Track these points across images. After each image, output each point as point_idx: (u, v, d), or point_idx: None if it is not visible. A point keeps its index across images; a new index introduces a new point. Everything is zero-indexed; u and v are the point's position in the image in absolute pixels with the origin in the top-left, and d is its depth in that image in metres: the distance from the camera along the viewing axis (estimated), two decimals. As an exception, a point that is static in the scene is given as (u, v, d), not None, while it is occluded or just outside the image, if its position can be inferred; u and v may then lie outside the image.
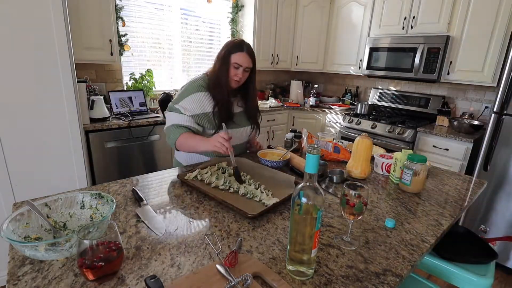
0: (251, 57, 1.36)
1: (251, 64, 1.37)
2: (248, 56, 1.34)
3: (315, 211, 0.65)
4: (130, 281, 0.66)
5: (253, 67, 1.40)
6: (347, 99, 3.71)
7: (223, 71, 1.34)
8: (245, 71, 1.37)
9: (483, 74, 2.43)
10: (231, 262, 0.69)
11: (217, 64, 1.36)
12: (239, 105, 1.50)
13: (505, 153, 2.11)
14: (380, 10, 3.01)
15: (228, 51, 1.34)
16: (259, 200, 1.03)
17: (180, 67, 3.06)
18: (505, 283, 2.12)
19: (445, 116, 2.74)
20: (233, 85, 1.39)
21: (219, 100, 1.36)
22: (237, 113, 1.47)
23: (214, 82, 1.37)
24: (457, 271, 1.09)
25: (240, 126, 1.47)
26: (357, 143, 1.29)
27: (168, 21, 2.86)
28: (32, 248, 0.66)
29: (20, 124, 1.65)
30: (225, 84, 1.36)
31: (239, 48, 1.33)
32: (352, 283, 0.69)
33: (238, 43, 1.35)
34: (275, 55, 3.48)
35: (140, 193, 1.05)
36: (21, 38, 1.57)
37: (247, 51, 1.34)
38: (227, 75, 1.35)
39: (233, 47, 1.34)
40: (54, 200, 0.85)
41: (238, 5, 3.28)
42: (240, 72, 1.35)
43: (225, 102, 1.38)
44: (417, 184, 1.18)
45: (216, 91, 1.36)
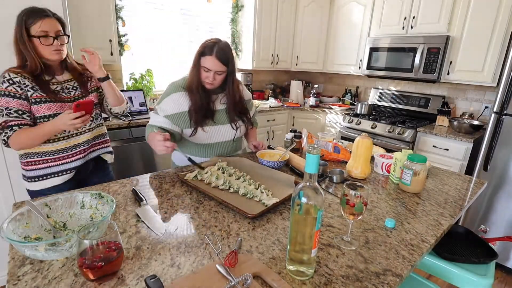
0: (221, 61, 1.25)
1: (222, 68, 1.27)
2: (217, 61, 1.24)
3: (315, 211, 0.65)
4: (130, 281, 0.66)
5: (229, 68, 1.31)
6: (347, 99, 3.71)
7: (195, 73, 1.30)
8: (218, 75, 1.29)
9: (483, 74, 2.43)
10: (231, 262, 0.69)
11: (192, 65, 1.32)
12: (221, 103, 1.44)
13: (505, 153, 2.11)
14: (380, 10, 3.01)
15: (199, 52, 1.27)
16: (259, 200, 1.03)
17: (180, 67, 3.06)
18: (505, 283, 2.12)
19: (445, 116, 2.74)
20: (207, 87, 1.33)
21: (194, 101, 1.33)
22: (218, 110, 1.42)
23: (189, 83, 1.33)
24: (457, 271, 1.09)
25: (220, 123, 1.41)
26: (357, 143, 1.29)
27: (168, 21, 2.85)
28: (32, 248, 0.66)
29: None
30: (197, 87, 1.31)
31: (209, 51, 1.24)
32: (352, 283, 0.69)
33: (210, 45, 1.26)
34: (275, 55, 3.48)
35: (140, 193, 1.05)
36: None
37: (216, 55, 1.24)
38: (198, 77, 1.30)
39: (204, 49, 1.26)
40: (54, 200, 0.85)
41: (238, 5, 3.28)
42: (211, 75, 1.27)
43: (199, 104, 1.33)
44: (417, 184, 1.18)
45: (191, 92, 1.33)
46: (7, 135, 1.14)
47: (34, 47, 1.16)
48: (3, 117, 1.15)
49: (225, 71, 1.30)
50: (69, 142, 1.31)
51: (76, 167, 1.34)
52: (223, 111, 1.44)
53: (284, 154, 1.43)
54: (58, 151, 1.28)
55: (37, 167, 1.27)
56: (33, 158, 1.26)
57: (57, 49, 1.20)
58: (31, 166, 1.27)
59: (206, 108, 1.36)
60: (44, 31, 1.15)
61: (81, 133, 1.34)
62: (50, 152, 1.27)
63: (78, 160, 1.34)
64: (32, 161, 1.26)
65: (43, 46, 1.17)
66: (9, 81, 1.15)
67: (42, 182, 1.29)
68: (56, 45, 1.19)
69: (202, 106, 1.34)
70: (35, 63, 1.18)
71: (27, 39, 1.15)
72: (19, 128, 1.16)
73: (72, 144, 1.32)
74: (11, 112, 1.15)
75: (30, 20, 1.14)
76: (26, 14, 1.15)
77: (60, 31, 1.21)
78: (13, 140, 1.15)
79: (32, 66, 1.18)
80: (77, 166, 1.34)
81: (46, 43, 1.17)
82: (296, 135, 1.67)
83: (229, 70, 1.32)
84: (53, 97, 1.22)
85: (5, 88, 1.14)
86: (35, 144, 1.21)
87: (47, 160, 1.28)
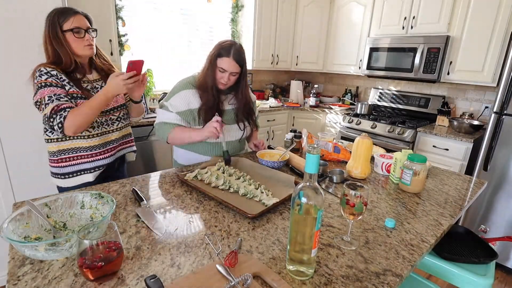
0: (238, 62, 1.32)
1: (237, 70, 1.33)
2: (234, 62, 1.31)
3: (315, 211, 0.65)
4: (130, 281, 0.66)
5: (243, 70, 1.37)
6: (347, 99, 3.71)
7: (209, 73, 1.34)
8: (232, 75, 1.34)
9: (483, 74, 2.43)
10: (231, 262, 0.69)
11: (206, 65, 1.36)
12: (230, 103, 1.48)
13: (505, 153, 2.11)
14: (380, 10, 3.01)
15: (216, 54, 1.32)
16: (259, 200, 1.03)
17: (180, 67, 3.05)
18: (505, 283, 2.12)
19: (445, 116, 2.74)
20: (220, 87, 1.37)
21: (205, 100, 1.36)
22: (226, 110, 1.46)
23: (202, 82, 1.37)
24: (457, 271, 1.09)
25: (228, 123, 1.45)
26: (357, 143, 1.29)
27: (168, 21, 2.85)
28: (32, 248, 0.66)
29: (20, 124, 1.65)
30: (211, 87, 1.35)
31: (226, 52, 1.30)
32: (352, 283, 0.69)
33: (227, 47, 1.31)
34: (275, 55, 3.48)
35: (140, 193, 1.05)
36: (21, 39, 1.57)
37: (233, 56, 1.30)
38: (213, 77, 1.34)
39: (221, 50, 1.31)
40: (54, 200, 0.85)
41: (238, 5, 3.28)
42: (226, 76, 1.33)
43: (211, 103, 1.37)
44: (417, 184, 1.18)
45: (203, 91, 1.37)
46: (63, 115, 1.15)
47: (68, 44, 1.21)
48: (54, 102, 1.16)
49: (239, 72, 1.35)
50: (102, 139, 1.35)
51: (106, 164, 1.38)
52: (231, 111, 1.47)
53: (284, 154, 1.43)
54: (92, 148, 1.32)
55: (71, 163, 1.31)
56: (67, 155, 1.30)
57: (89, 43, 1.26)
58: (65, 162, 1.30)
59: (217, 108, 1.39)
60: (76, 26, 1.21)
61: (113, 131, 1.39)
62: (84, 148, 1.31)
63: (108, 158, 1.38)
64: (66, 158, 1.30)
65: (76, 41, 1.22)
66: (47, 73, 1.18)
67: (74, 178, 1.32)
68: (88, 39, 1.26)
69: (213, 105, 1.37)
70: (70, 59, 1.22)
71: (61, 35, 1.20)
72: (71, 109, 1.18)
73: (104, 141, 1.36)
74: (61, 96, 1.17)
75: (62, 18, 1.20)
76: (57, 13, 1.21)
77: (89, 26, 1.27)
78: (69, 120, 1.15)
79: (67, 62, 1.22)
80: (107, 163, 1.38)
81: (79, 36, 1.22)
82: (296, 135, 1.67)
83: (242, 72, 1.37)
84: (87, 94, 1.26)
85: (45, 80, 1.17)
86: (90, 120, 1.22)
87: (81, 157, 1.31)
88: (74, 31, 1.21)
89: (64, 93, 1.19)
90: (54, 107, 1.15)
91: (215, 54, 1.32)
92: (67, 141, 1.28)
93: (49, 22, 1.20)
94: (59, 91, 1.18)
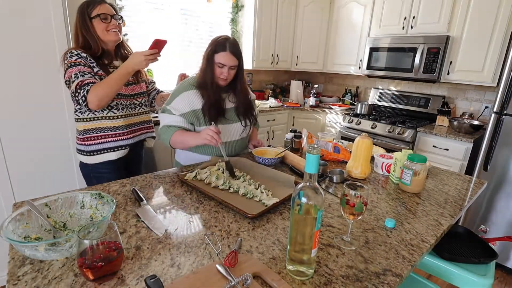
0: (235, 55, 1.33)
1: (235, 63, 1.35)
2: (231, 55, 1.32)
3: (315, 211, 0.65)
4: (130, 281, 0.66)
5: (240, 63, 1.38)
6: (347, 99, 3.71)
7: (208, 70, 1.35)
8: (231, 69, 1.36)
9: (483, 74, 2.43)
10: (231, 262, 0.69)
11: (203, 63, 1.37)
12: (231, 101, 1.48)
13: (505, 153, 2.11)
14: (380, 10, 3.01)
15: (212, 50, 1.33)
16: (259, 200, 1.03)
17: (180, 67, 3.05)
18: (505, 283, 2.12)
19: (445, 116, 2.74)
20: (220, 83, 1.38)
21: (207, 98, 1.37)
22: (228, 108, 1.46)
23: (202, 81, 1.38)
24: (457, 271, 1.09)
25: (231, 121, 1.46)
26: (357, 143, 1.29)
27: (168, 21, 2.85)
28: (32, 248, 0.66)
29: (20, 124, 1.65)
30: (211, 83, 1.36)
31: (222, 47, 1.31)
32: (352, 283, 0.69)
33: (222, 42, 1.32)
34: (275, 55, 3.48)
35: (140, 193, 1.05)
36: (21, 39, 1.57)
37: (230, 50, 1.31)
38: (212, 74, 1.35)
39: (217, 46, 1.32)
40: (54, 200, 0.85)
41: (238, 5, 3.28)
42: (225, 71, 1.34)
43: (213, 101, 1.37)
44: (417, 184, 1.18)
45: (204, 90, 1.37)
46: (86, 89, 1.24)
47: (95, 30, 1.32)
48: (78, 78, 1.25)
49: (237, 65, 1.37)
50: (126, 121, 1.45)
51: (129, 145, 1.48)
52: (232, 110, 1.48)
53: (281, 152, 1.44)
54: (116, 128, 1.42)
55: (96, 141, 1.40)
56: (92, 134, 1.39)
57: (115, 28, 1.36)
58: (90, 141, 1.40)
59: (219, 105, 1.40)
60: (103, 12, 1.32)
61: (135, 115, 1.51)
62: (109, 128, 1.41)
63: (131, 139, 1.48)
64: (92, 137, 1.40)
65: (103, 26, 1.32)
66: (78, 55, 1.28)
67: (99, 156, 1.42)
68: (114, 24, 1.35)
69: (216, 102, 1.39)
70: (98, 45, 1.33)
71: (89, 23, 1.31)
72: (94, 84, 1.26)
73: (127, 123, 1.46)
74: (85, 73, 1.27)
75: (90, 7, 1.31)
76: (85, 3, 1.32)
77: (115, 14, 1.37)
78: (92, 93, 1.24)
79: (95, 47, 1.33)
80: (129, 144, 1.48)
81: (106, 21, 1.33)
82: (296, 135, 1.67)
83: (240, 65, 1.38)
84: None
85: (74, 60, 1.27)
86: (113, 92, 1.29)
87: (105, 136, 1.41)
88: (101, 16, 1.31)
89: (89, 71, 1.28)
90: (79, 82, 1.24)
91: (211, 51, 1.33)
92: (93, 121, 1.38)
93: (79, 12, 1.31)
94: (84, 69, 1.27)
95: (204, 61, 1.36)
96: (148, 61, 1.28)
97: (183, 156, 1.50)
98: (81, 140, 1.41)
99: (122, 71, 1.28)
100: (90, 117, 1.37)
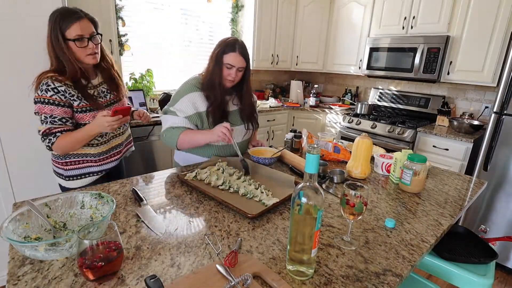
0: (244, 57, 1.32)
1: (244, 64, 1.34)
2: (240, 56, 1.31)
3: (315, 211, 0.65)
4: (130, 281, 0.66)
5: (247, 65, 1.37)
6: (347, 99, 3.71)
7: (216, 71, 1.33)
8: (239, 71, 1.35)
9: (483, 74, 2.43)
10: (231, 262, 0.69)
11: (211, 64, 1.35)
12: (234, 104, 1.48)
13: (505, 153, 2.11)
14: (380, 10, 3.01)
15: (221, 51, 1.31)
16: (259, 200, 1.03)
17: (180, 67, 3.06)
18: (505, 283, 2.12)
19: (445, 116, 2.74)
20: (227, 84, 1.37)
21: (213, 100, 1.35)
22: (232, 111, 1.46)
23: (208, 82, 1.35)
24: (457, 271, 1.09)
25: (235, 124, 1.45)
26: (357, 143, 1.29)
27: (168, 21, 2.85)
28: (32, 248, 0.66)
29: (20, 124, 1.65)
30: (219, 84, 1.34)
31: (231, 48, 1.30)
32: (352, 283, 0.69)
33: (231, 43, 1.31)
34: (275, 55, 3.48)
35: (140, 193, 1.05)
36: (21, 39, 1.57)
37: (239, 51, 1.30)
38: (220, 75, 1.33)
39: (226, 47, 1.31)
40: (54, 200, 0.85)
41: (238, 5, 3.28)
42: (233, 72, 1.33)
43: (219, 103, 1.36)
44: (417, 184, 1.17)
45: (210, 91, 1.35)
46: (51, 141, 1.18)
47: (71, 52, 1.16)
48: (47, 124, 1.17)
49: (245, 67, 1.36)
50: (109, 145, 1.38)
51: (113, 167, 1.42)
52: (236, 112, 1.48)
53: (277, 152, 1.44)
54: (100, 154, 1.34)
55: (77, 166, 1.31)
56: (73, 159, 1.30)
57: (92, 52, 1.21)
58: (70, 166, 1.31)
59: (223, 107, 1.40)
60: (79, 34, 1.15)
61: (119, 134, 1.43)
62: (92, 155, 1.32)
63: (115, 161, 1.43)
64: (72, 161, 1.30)
65: (79, 50, 1.17)
66: (54, 89, 1.14)
67: (80, 180, 1.34)
68: (92, 47, 1.20)
69: (221, 104, 1.37)
70: (74, 68, 1.18)
71: (63, 44, 1.14)
72: (61, 134, 1.19)
73: (111, 146, 1.39)
74: (55, 120, 1.18)
75: (65, 24, 1.13)
76: (59, 17, 1.13)
77: (93, 32, 1.21)
78: (56, 146, 1.19)
79: (71, 71, 1.17)
80: (114, 166, 1.42)
81: (82, 45, 1.17)
82: (296, 135, 1.67)
83: (247, 67, 1.38)
84: (95, 105, 1.25)
85: (49, 97, 1.15)
86: (76, 148, 1.25)
87: (88, 161, 1.33)
88: (76, 42, 1.15)
89: (63, 114, 1.18)
90: (46, 130, 1.17)
91: (220, 51, 1.31)
92: None
93: (51, 26, 1.14)
94: (57, 112, 1.16)
95: (211, 61, 1.35)
96: (112, 127, 1.16)
97: (182, 157, 1.49)
98: (60, 164, 1.30)
99: (87, 132, 1.20)
100: None
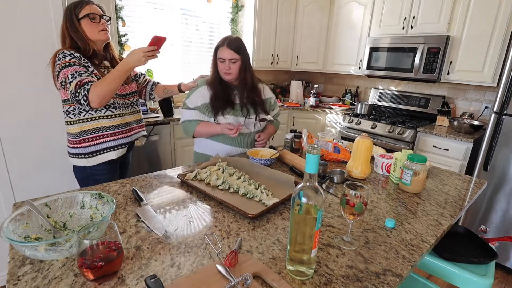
0: (232, 49, 1.43)
1: (233, 56, 1.44)
2: (229, 49, 1.43)
3: (315, 211, 0.65)
4: (130, 281, 0.66)
5: (242, 58, 1.47)
6: (347, 99, 3.71)
7: (214, 67, 1.52)
8: (232, 63, 1.45)
9: (483, 74, 2.43)
10: (231, 262, 0.69)
11: (212, 62, 1.53)
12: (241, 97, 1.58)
13: (505, 153, 2.11)
14: (380, 10, 3.01)
15: (215, 49, 1.49)
16: (259, 200, 1.03)
17: (180, 67, 3.05)
18: (505, 283, 2.12)
19: (445, 116, 2.74)
20: (225, 77, 1.50)
21: (214, 92, 1.52)
22: (238, 104, 1.57)
23: (211, 78, 1.55)
24: (457, 271, 1.09)
25: (240, 116, 1.55)
26: (357, 143, 1.29)
27: (168, 21, 2.85)
28: (32, 248, 0.66)
29: (20, 124, 1.65)
30: (219, 78, 1.51)
31: (221, 43, 1.45)
32: (352, 283, 0.69)
33: (222, 39, 1.47)
34: (275, 55, 3.48)
35: (140, 193, 1.05)
36: (22, 39, 1.57)
37: (227, 45, 1.43)
38: (217, 70, 1.50)
39: (218, 45, 1.47)
40: (54, 200, 0.85)
41: (238, 5, 3.28)
42: (227, 65, 1.45)
43: (218, 93, 1.51)
44: (417, 184, 1.17)
45: (213, 85, 1.53)
46: (86, 88, 1.23)
47: (83, 31, 1.31)
48: (76, 78, 1.24)
49: (239, 59, 1.46)
50: (123, 119, 1.45)
51: (127, 143, 1.49)
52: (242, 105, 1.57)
53: (275, 153, 1.44)
54: (115, 127, 1.42)
55: (94, 142, 1.39)
56: (90, 135, 1.37)
57: (104, 28, 1.35)
58: (88, 142, 1.38)
59: (226, 99, 1.52)
60: (91, 12, 1.31)
61: (129, 114, 1.50)
62: (107, 128, 1.40)
63: (129, 137, 1.50)
64: (90, 138, 1.38)
65: (91, 26, 1.31)
66: (71, 55, 1.26)
67: (99, 156, 1.41)
68: (103, 23, 1.35)
69: (221, 96, 1.51)
70: (87, 45, 1.32)
71: (78, 24, 1.29)
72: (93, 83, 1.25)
73: (124, 122, 1.46)
74: (82, 72, 1.25)
75: (78, 7, 1.30)
76: (73, 5, 1.31)
77: (103, 14, 1.37)
78: (93, 92, 1.23)
79: (85, 48, 1.31)
80: (127, 142, 1.49)
81: (94, 21, 1.32)
82: (296, 135, 1.67)
83: (242, 59, 1.47)
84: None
85: (68, 61, 1.25)
86: (113, 90, 1.29)
87: (104, 136, 1.40)
88: (89, 16, 1.30)
89: (85, 71, 1.27)
90: (78, 82, 1.23)
91: (215, 50, 1.49)
92: (91, 121, 1.36)
93: (66, 13, 1.30)
94: (80, 69, 1.26)
95: (212, 60, 1.52)
96: (147, 57, 1.28)
97: (203, 146, 1.60)
98: (77, 143, 1.38)
99: (121, 68, 1.28)
100: (86, 117, 1.35)
